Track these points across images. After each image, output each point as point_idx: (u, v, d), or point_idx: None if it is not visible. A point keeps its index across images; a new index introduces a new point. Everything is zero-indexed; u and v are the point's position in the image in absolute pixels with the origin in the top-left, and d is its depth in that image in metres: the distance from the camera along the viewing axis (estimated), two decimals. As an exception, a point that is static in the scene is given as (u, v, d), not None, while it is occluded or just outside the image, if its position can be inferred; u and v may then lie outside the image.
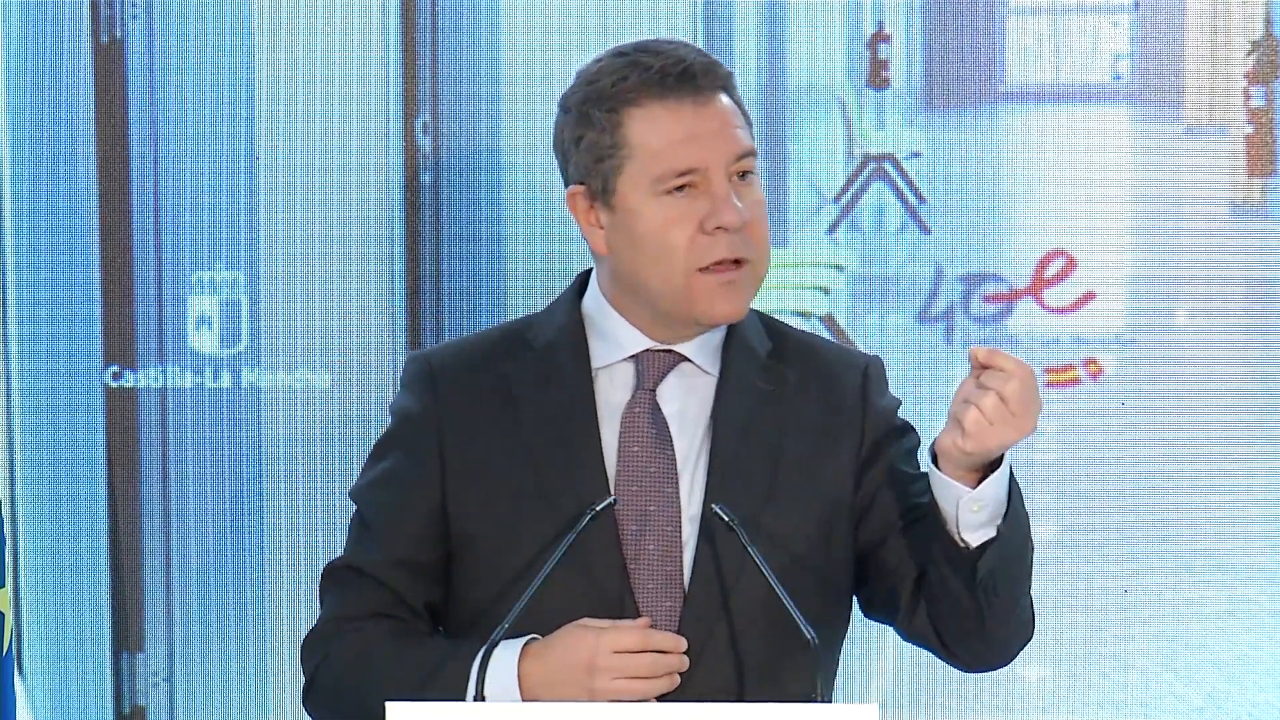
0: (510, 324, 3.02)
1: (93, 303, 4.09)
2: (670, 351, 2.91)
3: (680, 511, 2.85)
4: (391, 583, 2.91)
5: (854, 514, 2.91)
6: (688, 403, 2.90)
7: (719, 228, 2.80)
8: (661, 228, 2.82)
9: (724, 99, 2.86)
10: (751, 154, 2.86)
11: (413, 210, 4.06)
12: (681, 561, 2.84)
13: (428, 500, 2.91)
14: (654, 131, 2.82)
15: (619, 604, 2.81)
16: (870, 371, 2.98)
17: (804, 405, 2.91)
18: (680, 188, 2.82)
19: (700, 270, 2.81)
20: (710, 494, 2.84)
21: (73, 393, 4.10)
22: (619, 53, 2.90)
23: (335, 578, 2.96)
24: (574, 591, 2.78)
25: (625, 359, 2.91)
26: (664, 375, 2.90)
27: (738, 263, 2.82)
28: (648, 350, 2.90)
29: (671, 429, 2.88)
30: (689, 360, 2.91)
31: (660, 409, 2.89)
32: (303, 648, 2.96)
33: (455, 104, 4.04)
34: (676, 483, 2.86)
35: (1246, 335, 3.96)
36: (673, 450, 2.86)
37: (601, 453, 2.86)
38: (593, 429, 2.87)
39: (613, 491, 2.83)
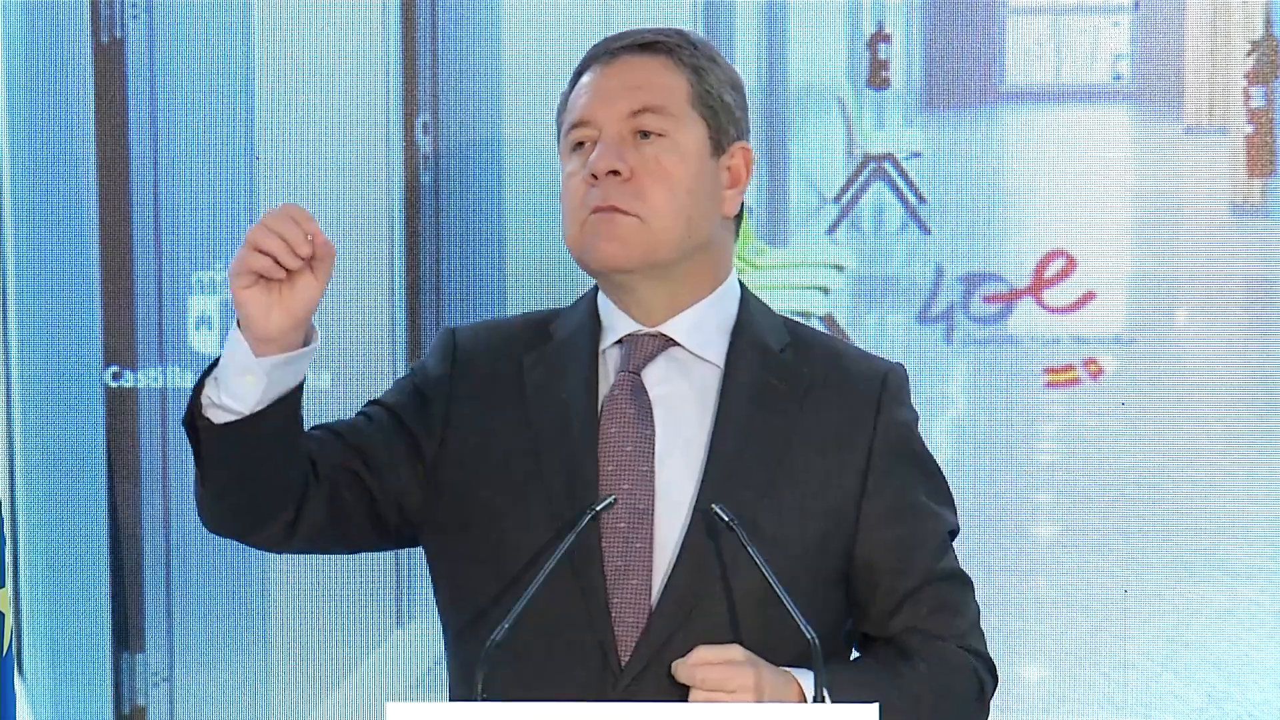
0: (539, 314, 3.05)
1: (93, 303, 4.09)
2: (659, 335, 2.91)
3: (653, 490, 2.85)
4: (328, 435, 2.94)
5: (852, 533, 2.89)
6: (678, 387, 2.90)
7: (592, 174, 2.84)
8: (566, 180, 2.93)
9: (644, 59, 2.89)
10: (655, 110, 2.87)
11: (413, 210, 4.06)
12: (653, 540, 2.84)
13: (409, 443, 2.92)
14: (577, 93, 2.90)
15: (589, 574, 2.81)
16: (889, 381, 2.94)
17: (817, 408, 2.90)
18: (581, 144, 2.86)
19: (587, 215, 2.85)
20: (704, 491, 2.83)
21: (73, 393, 4.10)
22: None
23: None
24: (543, 563, 2.77)
25: (616, 342, 2.92)
26: (650, 358, 2.90)
27: (625, 213, 2.84)
28: (634, 333, 2.92)
29: (657, 411, 2.88)
30: (679, 345, 2.91)
31: (646, 391, 2.89)
32: None
33: (455, 104, 4.04)
34: (652, 461, 2.85)
35: (1246, 335, 3.96)
36: (651, 430, 2.86)
37: (594, 436, 2.87)
38: (590, 414, 2.88)
39: (600, 472, 2.84)
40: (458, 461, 2.92)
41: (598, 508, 2.75)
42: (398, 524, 2.97)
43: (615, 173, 2.84)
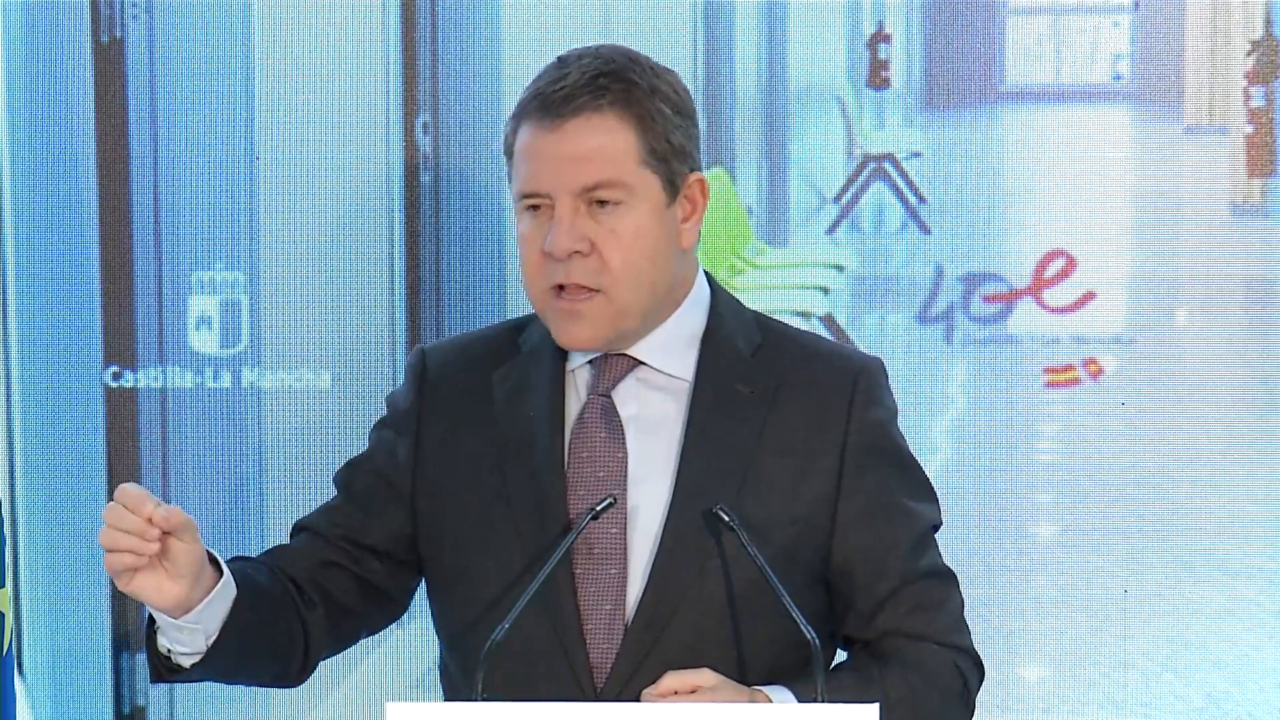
0: (510, 323, 3.02)
1: (93, 303, 4.09)
2: (625, 355, 2.89)
3: (626, 513, 2.83)
4: (308, 541, 2.93)
5: (827, 538, 2.87)
6: (647, 406, 2.87)
7: (548, 253, 2.81)
8: (522, 241, 2.86)
9: (592, 123, 2.82)
10: (608, 185, 2.81)
11: (413, 210, 4.06)
12: (627, 563, 2.83)
13: (389, 487, 2.92)
14: (521, 149, 2.84)
15: (562, 604, 2.80)
16: (860, 380, 2.90)
17: (787, 412, 2.87)
18: (535, 206, 2.82)
19: (551, 290, 2.82)
20: (675, 507, 2.82)
21: (73, 393, 4.10)
22: (553, 61, 2.90)
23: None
24: (521, 586, 2.76)
25: (585, 363, 2.90)
26: (620, 379, 2.88)
27: (588, 290, 2.81)
28: (603, 355, 2.89)
29: (628, 432, 2.86)
30: (647, 364, 2.89)
31: (617, 412, 2.87)
32: None
33: (455, 104, 4.04)
34: (624, 484, 2.84)
35: (1246, 335, 3.96)
36: (624, 453, 2.84)
37: (561, 458, 2.85)
38: (555, 434, 2.86)
39: (568, 498, 2.83)
40: (431, 491, 2.91)
41: (598, 508, 2.74)
42: (406, 579, 2.97)
43: (576, 251, 2.82)
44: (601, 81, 2.82)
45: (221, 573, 2.76)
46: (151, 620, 2.78)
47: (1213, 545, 3.96)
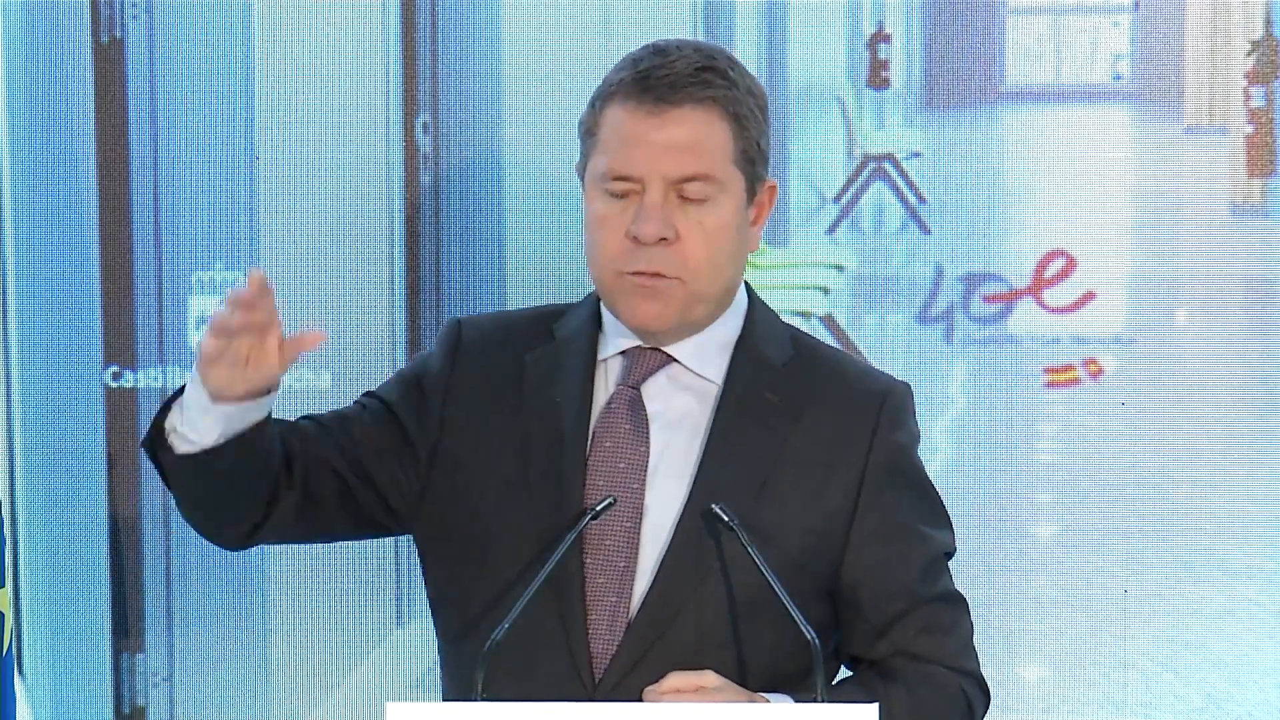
0: (547, 308, 3.02)
1: (93, 303, 4.09)
2: (659, 351, 2.90)
3: (642, 508, 2.84)
4: (315, 430, 2.93)
5: (840, 553, 2.87)
6: (673, 404, 2.88)
7: (634, 238, 2.80)
8: (598, 222, 2.85)
9: (695, 114, 2.82)
10: (702, 179, 2.82)
11: (413, 210, 4.06)
12: (637, 558, 2.83)
13: (401, 439, 2.91)
14: (613, 129, 2.84)
15: (569, 591, 2.81)
16: (887, 402, 2.91)
17: (812, 427, 2.87)
18: (621, 192, 2.82)
19: (626, 273, 2.82)
20: (690, 508, 2.82)
21: (73, 393, 4.10)
22: (646, 46, 2.90)
23: None
24: (531, 573, 2.76)
25: (618, 354, 2.91)
26: (650, 373, 2.89)
27: (666, 276, 2.81)
28: (638, 347, 2.90)
29: (653, 427, 2.87)
30: (679, 362, 2.90)
31: (644, 406, 2.88)
32: None
33: (455, 104, 4.04)
34: (643, 479, 2.84)
35: (1246, 335, 3.96)
36: (646, 448, 2.85)
37: (584, 446, 2.86)
38: (581, 422, 2.87)
39: (585, 485, 2.83)
40: (451, 465, 2.90)
41: (598, 508, 2.75)
42: (384, 519, 2.96)
43: (662, 238, 2.82)
44: (707, 76, 2.83)
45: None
46: (173, 397, 2.77)
47: (1213, 545, 3.96)
